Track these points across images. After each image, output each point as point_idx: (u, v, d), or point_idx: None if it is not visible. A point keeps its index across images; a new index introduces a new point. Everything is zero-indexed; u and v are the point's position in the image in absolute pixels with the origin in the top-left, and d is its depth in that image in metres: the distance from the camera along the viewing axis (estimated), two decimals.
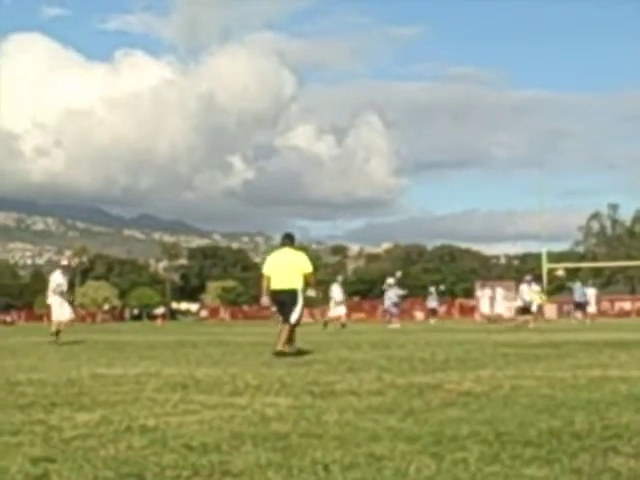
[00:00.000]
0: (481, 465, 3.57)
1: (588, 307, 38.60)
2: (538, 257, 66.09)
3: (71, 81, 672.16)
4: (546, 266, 58.11)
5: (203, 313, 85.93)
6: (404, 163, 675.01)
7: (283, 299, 12.47)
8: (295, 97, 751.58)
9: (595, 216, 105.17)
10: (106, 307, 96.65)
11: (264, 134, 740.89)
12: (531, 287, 31.06)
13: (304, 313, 13.30)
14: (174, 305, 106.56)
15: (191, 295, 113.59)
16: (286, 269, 12.44)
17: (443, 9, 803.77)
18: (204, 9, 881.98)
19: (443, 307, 57.55)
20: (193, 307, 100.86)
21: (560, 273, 51.59)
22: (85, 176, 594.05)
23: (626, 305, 59.93)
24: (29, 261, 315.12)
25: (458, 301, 69.81)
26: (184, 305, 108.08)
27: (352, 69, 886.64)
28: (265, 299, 12.83)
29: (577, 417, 4.91)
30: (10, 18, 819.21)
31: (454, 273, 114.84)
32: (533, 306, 31.03)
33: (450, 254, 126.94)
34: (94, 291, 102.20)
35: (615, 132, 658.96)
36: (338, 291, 31.50)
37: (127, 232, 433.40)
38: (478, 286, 49.62)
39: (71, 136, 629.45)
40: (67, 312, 18.89)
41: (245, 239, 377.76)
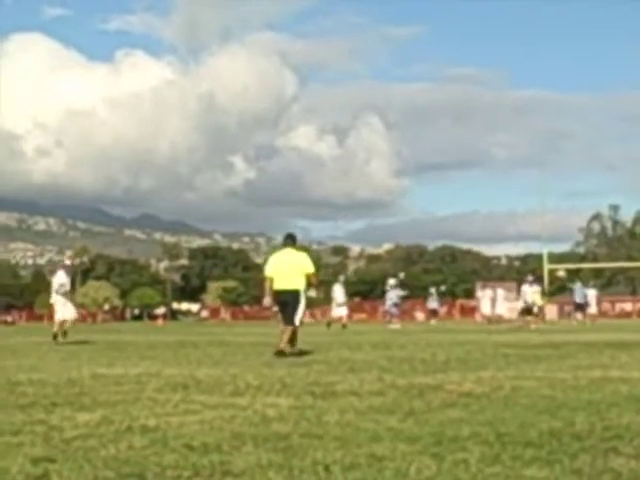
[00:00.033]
0: (482, 466, 3.57)
1: (588, 308, 38.59)
2: (539, 258, 66.11)
3: (72, 81, 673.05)
4: (547, 267, 58.18)
5: (204, 313, 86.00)
6: (405, 164, 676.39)
7: (285, 299, 12.48)
8: (296, 97, 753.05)
9: (596, 217, 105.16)
10: (107, 307, 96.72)
11: (265, 134, 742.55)
12: (532, 288, 31.06)
13: (305, 313, 13.29)
14: (175, 305, 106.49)
15: (192, 295, 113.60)
16: (288, 269, 12.44)
17: (442, 9, 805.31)
18: (205, 9, 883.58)
19: (444, 308, 57.58)
20: (194, 307, 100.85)
21: (561, 274, 51.58)
22: (86, 176, 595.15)
23: (627, 306, 59.98)
24: (30, 261, 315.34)
25: (459, 302, 69.88)
26: (185, 305, 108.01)
27: (353, 69, 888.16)
28: (267, 300, 12.82)
29: (578, 418, 4.91)
30: (11, 18, 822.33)
31: (455, 274, 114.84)
32: (535, 307, 31.04)
33: (451, 255, 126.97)
34: (95, 291, 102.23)
35: (616, 133, 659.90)
36: (340, 292, 31.50)
37: (128, 232, 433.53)
38: (479, 287, 49.61)
39: (72, 136, 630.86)
40: (71, 311, 18.93)
41: (246, 239, 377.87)
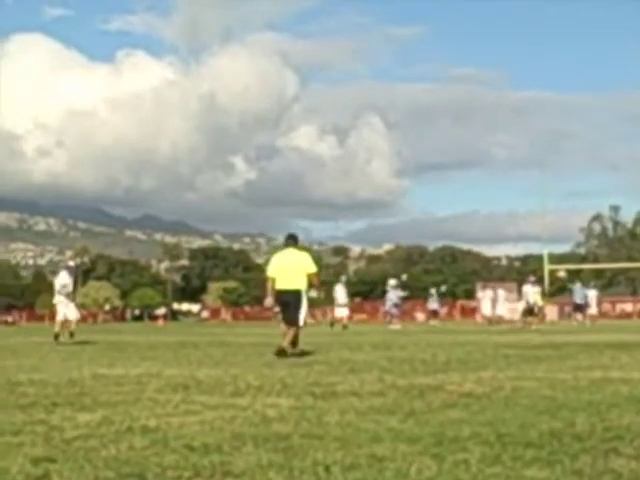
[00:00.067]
0: (482, 466, 3.57)
1: (589, 309, 38.57)
2: (539, 258, 66.07)
3: (73, 81, 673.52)
4: (548, 267, 58.14)
5: (204, 314, 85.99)
6: (405, 164, 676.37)
7: (287, 299, 12.47)
8: (297, 97, 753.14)
9: (597, 218, 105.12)
10: (107, 307, 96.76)
11: (266, 134, 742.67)
12: (534, 288, 31.07)
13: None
14: (175, 306, 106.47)
15: (192, 296, 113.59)
16: (290, 269, 12.44)
17: (445, 9, 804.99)
18: (206, 9, 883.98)
19: (444, 308, 57.55)
20: (194, 308, 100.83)
21: (562, 274, 51.64)
22: (87, 177, 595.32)
23: (627, 307, 59.91)
24: (31, 261, 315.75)
25: (459, 302, 69.84)
26: (185, 306, 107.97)
27: (354, 69, 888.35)
28: (269, 300, 12.82)
29: (578, 418, 4.91)
30: (12, 18, 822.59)
31: (455, 274, 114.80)
32: (535, 307, 31.05)
33: (451, 255, 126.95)
34: (95, 291, 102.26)
35: (616, 133, 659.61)
36: (342, 292, 31.52)
37: (129, 233, 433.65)
38: (479, 287, 49.58)
39: (73, 136, 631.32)
40: (73, 312, 18.94)
41: (247, 240, 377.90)
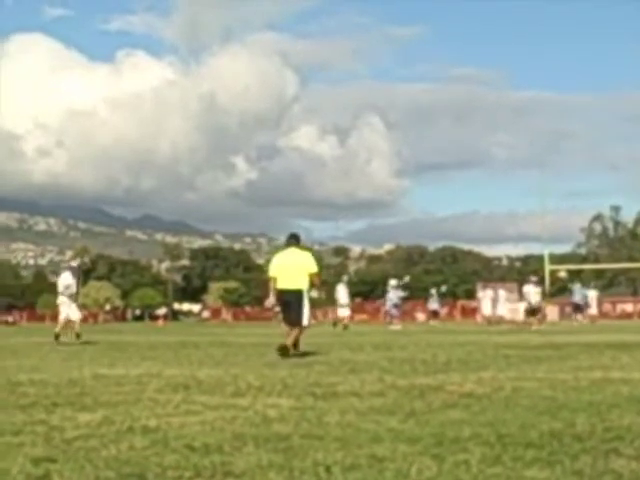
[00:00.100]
0: (482, 467, 3.57)
1: (589, 309, 38.57)
2: (540, 259, 66.07)
3: (73, 81, 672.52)
4: (548, 268, 58.14)
5: (205, 314, 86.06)
6: (406, 164, 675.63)
7: (288, 299, 12.46)
8: (298, 97, 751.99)
9: (597, 218, 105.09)
10: (108, 307, 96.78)
11: (266, 135, 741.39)
12: (536, 288, 31.07)
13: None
14: (176, 306, 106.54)
15: (193, 296, 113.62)
16: (292, 269, 12.44)
17: (445, 9, 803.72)
18: (206, 9, 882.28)
19: (445, 309, 57.55)
20: (195, 308, 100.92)
21: (562, 275, 51.63)
22: (87, 176, 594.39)
23: (628, 307, 59.91)
24: (31, 261, 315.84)
25: (460, 303, 69.82)
26: (186, 306, 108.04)
27: (354, 69, 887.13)
28: (270, 300, 12.83)
29: (578, 419, 4.91)
30: (12, 18, 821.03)
31: (456, 274, 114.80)
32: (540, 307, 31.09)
33: (452, 255, 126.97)
34: (96, 291, 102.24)
35: (617, 133, 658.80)
36: (343, 292, 31.54)
37: (129, 233, 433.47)
38: (480, 287, 49.57)
39: (73, 136, 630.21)
40: (75, 313, 18.96)
41: (247, 240, 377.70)
